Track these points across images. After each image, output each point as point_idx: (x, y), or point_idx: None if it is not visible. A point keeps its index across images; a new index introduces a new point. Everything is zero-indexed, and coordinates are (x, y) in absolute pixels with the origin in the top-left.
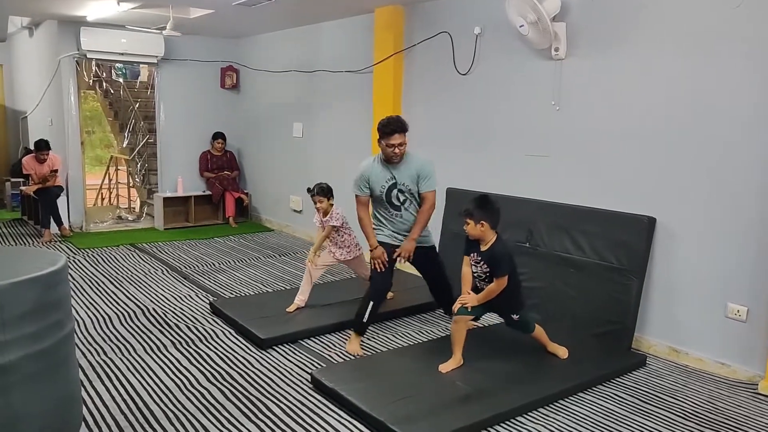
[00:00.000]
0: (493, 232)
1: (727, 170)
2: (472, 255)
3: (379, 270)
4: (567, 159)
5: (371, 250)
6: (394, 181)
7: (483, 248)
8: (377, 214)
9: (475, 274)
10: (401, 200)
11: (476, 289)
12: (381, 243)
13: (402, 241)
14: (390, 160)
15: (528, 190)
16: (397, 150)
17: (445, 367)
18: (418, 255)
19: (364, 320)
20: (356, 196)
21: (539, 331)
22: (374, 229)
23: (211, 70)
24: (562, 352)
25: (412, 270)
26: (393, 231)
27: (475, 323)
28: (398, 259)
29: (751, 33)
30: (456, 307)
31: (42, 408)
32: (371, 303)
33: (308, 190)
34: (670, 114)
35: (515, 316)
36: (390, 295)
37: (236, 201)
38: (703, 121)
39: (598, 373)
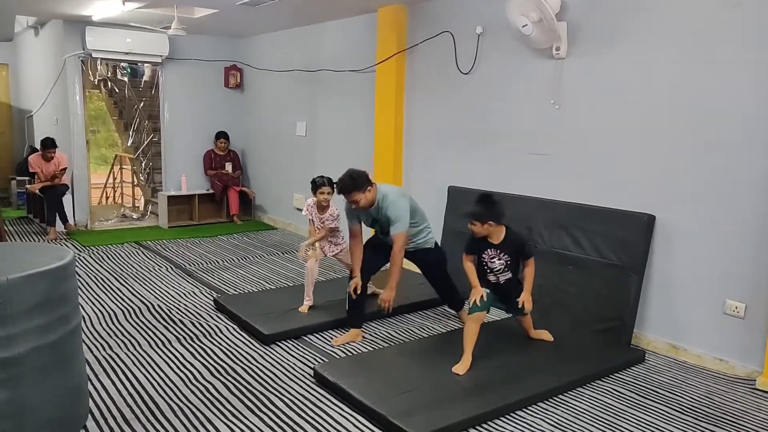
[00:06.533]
0: (501, 226)
1: (726, 168)
2: (486, 252)
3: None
4: (567, 157)
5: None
6: (374, 218)
7: (495, 242)
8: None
9: (494, 269)
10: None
11: (488, 285)
12: None
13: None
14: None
15: (528, 187)
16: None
17: (461, 369)
18: (417, 259)
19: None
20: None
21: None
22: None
23: (215, 70)
24: (546, 335)
25: (413, 267)
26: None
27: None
28: (385, 309)
29: (749, 32)
30: (470, 301)
31: (50, 400)
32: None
33: (314, 182)
34: (670, 113)
35: (518, 299)
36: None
37: (240, 195)
38: (702, 120)
39: (597, 369)
